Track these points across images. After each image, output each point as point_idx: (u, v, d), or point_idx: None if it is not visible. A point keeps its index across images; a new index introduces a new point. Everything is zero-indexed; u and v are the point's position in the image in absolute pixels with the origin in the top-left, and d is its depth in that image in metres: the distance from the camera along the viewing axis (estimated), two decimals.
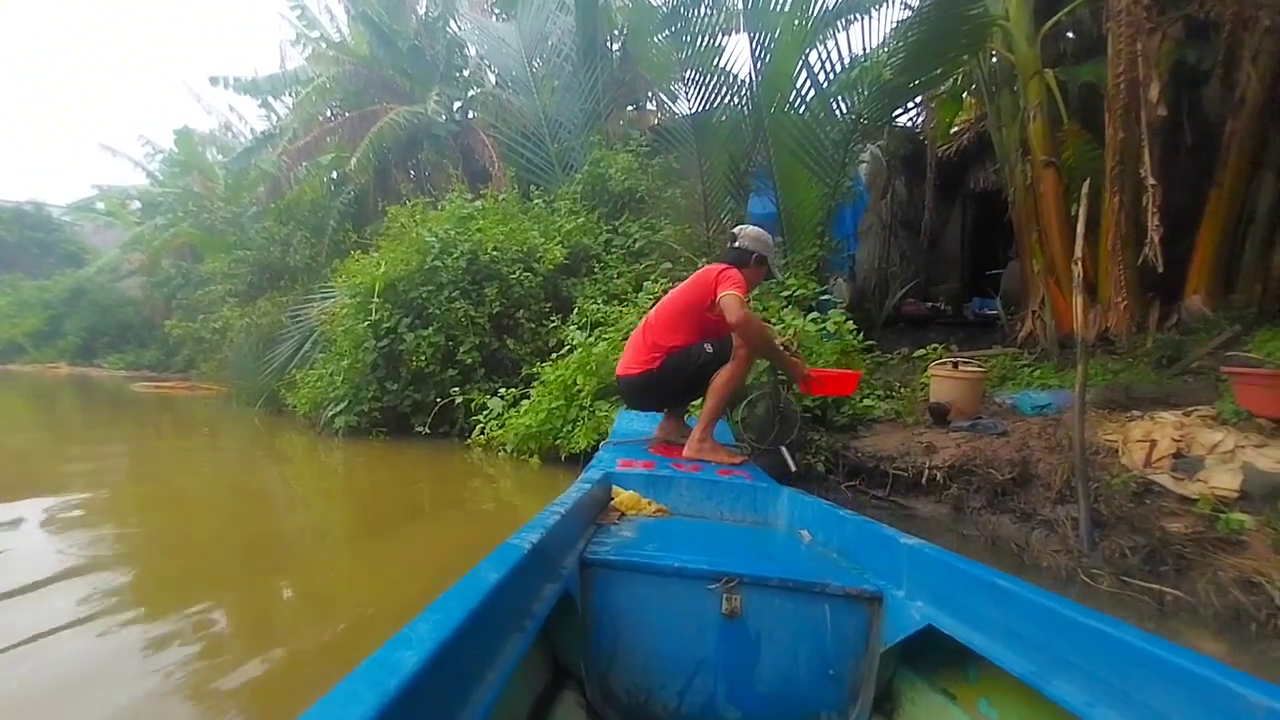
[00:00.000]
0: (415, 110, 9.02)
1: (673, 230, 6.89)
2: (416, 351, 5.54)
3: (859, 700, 1.23)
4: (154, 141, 17.01)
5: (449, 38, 10.47)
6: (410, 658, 0.61)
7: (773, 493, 2.01)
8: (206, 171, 15.56)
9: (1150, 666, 0.78)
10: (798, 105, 6.72)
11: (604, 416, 4.36)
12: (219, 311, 10.86)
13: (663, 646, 1.26)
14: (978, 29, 5.57)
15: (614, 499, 1.92)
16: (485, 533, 3.38)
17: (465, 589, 0.82)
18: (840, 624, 1.25)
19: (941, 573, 1.16)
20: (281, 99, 12.48)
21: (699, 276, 2.69)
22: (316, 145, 10.34)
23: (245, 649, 1.77)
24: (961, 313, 8.29)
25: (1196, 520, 2.57)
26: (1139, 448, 3.03)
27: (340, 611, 2.17)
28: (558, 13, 8.29)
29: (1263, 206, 5.23)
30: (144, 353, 16.95)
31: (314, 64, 10.83)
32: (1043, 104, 5.70)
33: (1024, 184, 6.02)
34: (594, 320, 5.49)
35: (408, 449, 5.38)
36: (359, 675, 0.58)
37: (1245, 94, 5.04)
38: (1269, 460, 2.73)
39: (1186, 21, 5.48)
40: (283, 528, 3.35)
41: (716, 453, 2.44)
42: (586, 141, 7.59)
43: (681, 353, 2.57)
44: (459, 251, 5.76)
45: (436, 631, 0.68)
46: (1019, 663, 0.95)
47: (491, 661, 0.85)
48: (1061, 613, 0.91)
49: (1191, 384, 4.17)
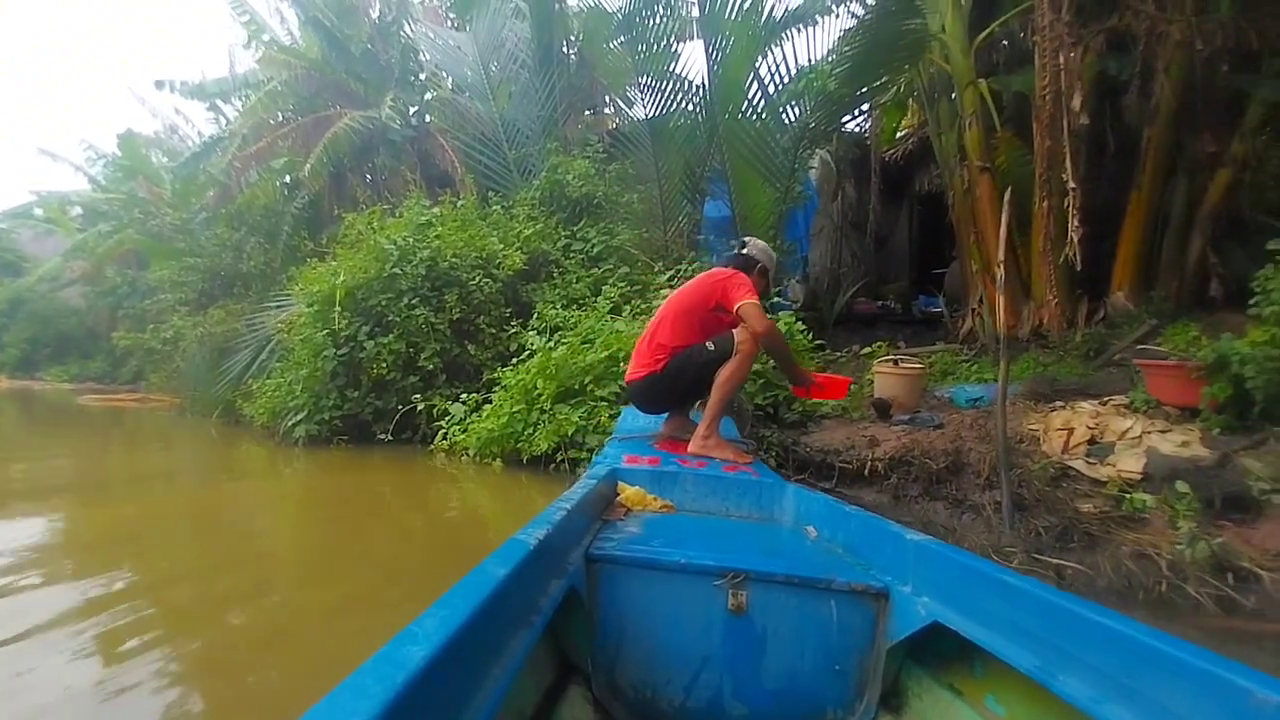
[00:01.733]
0: (370, 115, 8.96)
1: (630, 235, 7.03)
2: (377, 359, 5.56)
3: (865, 696, 1.23)
4: (96, 146, 16.43)
5: (403, 42, 10.42)
6: (418, 653, 0.61)
7: (778, 489, 2.01)
8: (152, 176, 15.08)
9: (1157, 662, 0.78)
10: (750, 112, 6.95)
11: (564, 419, 4.47)
12: (169, 321, 10.57)
13: (669, 642, 1.26)
14: (916, 42, 5.86)
15: (619, 495, 1.91)
16: (452, 536, 3.47)
17: (472, 584, 0.82)
18: (846, 620, 1.25)
19: (947, 569, 1.16)
20: (231, 103, 12.22)
21: (704, 279, 2.73)
22: (269, 150, 10.17)
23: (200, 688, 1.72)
24: (910, 310, 8.64)
25: (1105, 501, 2.81)
26: (1058, 436, 3.28)
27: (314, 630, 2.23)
28: (513, 19, 8.34)
29: (1177, 208, 5.62)
30: (88, 364, 16.35)
31: (264, 68, 10.63)
32: (978, 112, 6.01)
33: (962, 188, 6.34)
34: (553, 325, 5.59)
35: (371, 456, 5.40)
36: (367, 670, 0.58)
37: (1159, 103, 5.42)
38: (1170, 444, 3.00)
39: (1108, 35, 5.86)
40: (252, 544, 3.37)
41: (722, 449, 2.44)
42: (544, 147, 7.67)
43: (684, 353, 2.60)
44: (418, 259, 5.79)
45: (443, 627, 0.68)
46: (1025, 658, 0.95)
47: (498, 657, 0.85)
48: (1067, 608, 0.91)
49: (1113, 375, 4.48)
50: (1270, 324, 2.95)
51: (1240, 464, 2.75)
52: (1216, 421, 3.08)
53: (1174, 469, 2.79)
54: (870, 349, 5.74)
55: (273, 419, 6.15)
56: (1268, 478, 2.63)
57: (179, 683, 1.68)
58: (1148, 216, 5.63)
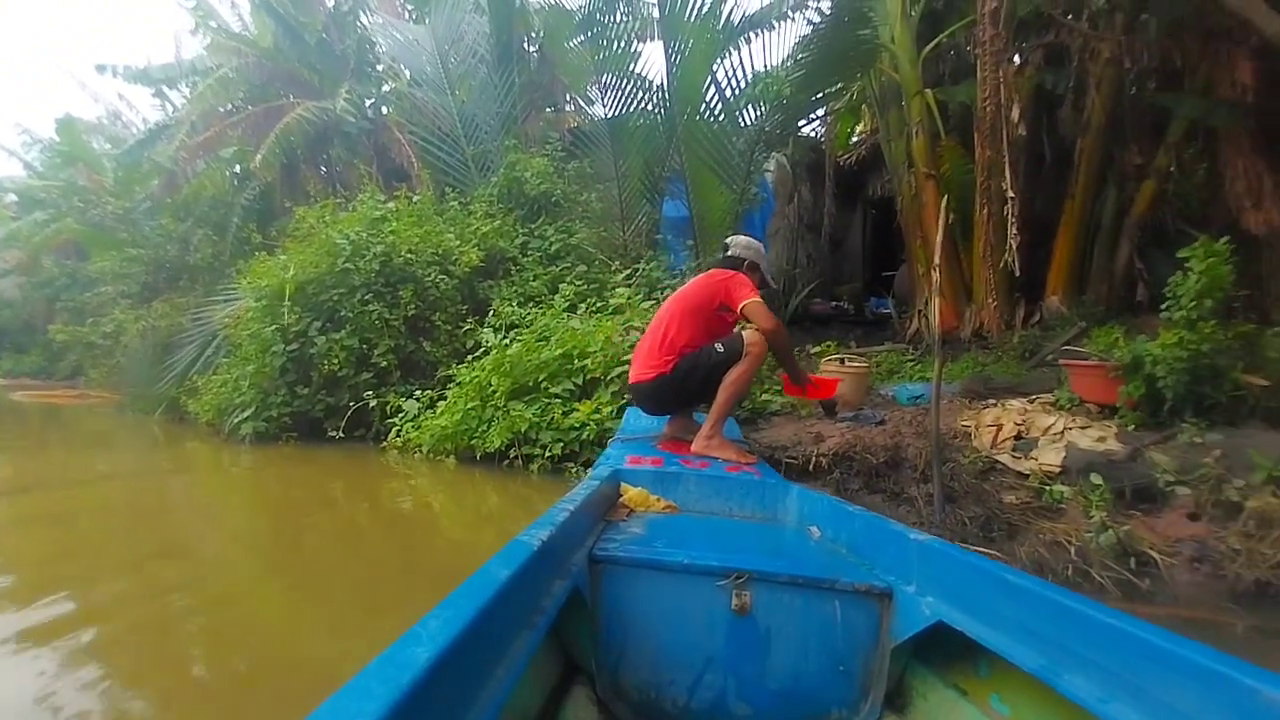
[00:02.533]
0: (324, 106, 8.78)
1: (588, 233, 7.07)
2: (329, 355, 5.48)
3: (870, 696, 1.23)
4: (32, 130, 15.68)
5: (360, 33, 10.23)
6: (422, 654, 0.61)
7: (781, 489, 2.01)
8: (93, 163, 14.46)
9: (1163, 661, 0.78)
10: (707, 114, 7.04)
11: (518, 416, 4.49)
12: (111, 314, 10.17)
13: (673, 642, 1.26)
14: (868, 51, 6.04)
15: (622, 496, 1.91)
16: (404, 534, 3.47)
17: (475, 585, 0.81)
18: (850, 620, 1.25)
19: (951, 568, 1.16)
20: (178, 89, 11.81)
21: (704, 281, 2.75)
22: (218, 139, 9.87)
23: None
24: (862, 311, 8.88)
25: (1027, 493, 2.98)
26: (988, 432, 3.45)
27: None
28: (472, 13, 8.28)
29: (1107, 217, 5.94)
30: (23, 359, 15.59)
31: (214, 54, 10.31)
32: (924, 121, 6.23)
33: (910, 193, 6.56)
34: (510, 322, 5.60)
35: (321, 454, 5.32)
36: (371, 672, 0.57)
37: (1091, 117, 5.72)
38: (1088, 439, 3.19)
39: (1045, 50, 6.15)
40: (191, 542, 3.31)
41: (725, 449, 2.44)
42: (503, 144, 7.64)
43: (692, 355, 2.59)
44: (372, 254, 5.72)
45: (448, 628, 0.68)
46: (1030, 658, 0.94)
47: (502, 658, 0.84)
48: (1073, 607, 0.91)
49: (1044, 375, 4.72)
50: (1179, 327, 3.15)
51: (1149, 458, 2.94)
52: (1131, 418, 3.29)
53: (1090, 462, 2.97)
54: (820, 348, 5.91)
55: (218, 416, 6.01)
56: (1173, 470, 2.83)
57: (111, 681, 1.67)
58: (1080, 224, 5.93)
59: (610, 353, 4.57)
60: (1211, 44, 5.08)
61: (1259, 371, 3.06)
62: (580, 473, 4.29)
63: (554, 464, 4.37)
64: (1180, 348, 3.08)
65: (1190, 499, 2.68)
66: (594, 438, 4.33)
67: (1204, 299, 3.10)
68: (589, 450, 4.35)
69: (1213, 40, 5.09)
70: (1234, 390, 3.06)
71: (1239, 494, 2.53)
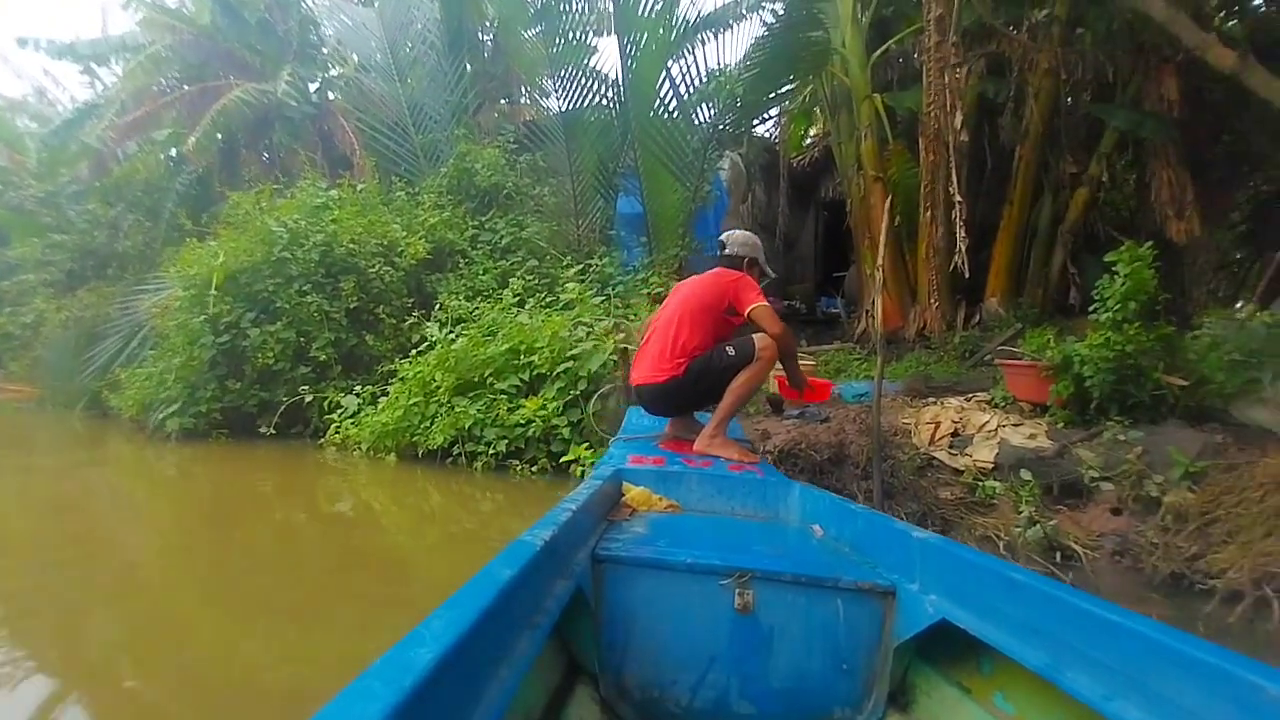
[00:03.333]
0: (265, 89, 8.41)
1: (540, 227, 6.96)
2: (263, 348, 5.24)
3: (873, 695, 1.22)
4: None
5: (303, 13, 9.84)
6: (425, 655, 0.61)
7: (784, 488, 2.00)
8: (14, 143, 13.52)
9: (1166, 658, 0.78)
10: (662, 111, 7.02)
11: (462, 412, 4.38)
12: (31, 303, 9.57)
13: (676, 642, 1.25)
14: (819, 53, 6.11)
15: (625, 495, 1.89)
16: (343, 533, 3.33)
17: (478, 586, 0.80)
18: (853, 618, 1.24)
19: (954, 566, 1.15)
20: (109, 66, 11.16)
21: (712, 282, 2.69)
22: (150, 120, 9.37)
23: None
24: (814, 311, 9.01)
25: (962, 489, 3.04)
26: (927, 429, 3.52)
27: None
28: None
29: (1043, 223, 6.16)
30: None
31: (147, 30, 9.78)
32: (873, 125, 6.35)
33: (859, 195, 6.68)
34: (457, 316, 5.46)
35: (254, 451, 5.09)
36: (374, 673, 0.57)
37: (1030, 126, 5.91)
38: (1020, 436, 3.28)
39: (988, 59, 6.33)
40: (107, 544, 3.10)
41: (727, 448, 2.43)
42: (453, 134, 7.46)
43: (704, 357, 2.57)
44: (311, 243, 5.50)
45: (450, 628, 0.67)
46: (1034, 655, 0.94)
47: (505, 658, 0.83)
48: (1076, 605, 0.91)
49: (982, 374, 4.85)
50: (1106, 328, 3.27)
51: (1076, 454, 3.04)
52: (1061, 416, 3.39)
53: (1021, 459, 3.06)
54: None
55: (143, 411, 5.69)
56: (1098, 467, 2.93)
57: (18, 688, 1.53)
58: (1018, 230, 6.13)
59: (558, 348, 4.49)
60: (1141, 59, 5.31)
61: (1178, 372, 3.19)
62: (525, 470, 4.21)
63: (498, 461, 4.28)
64: (1106, 348, 3.18)
65: (1113, 494, 2.77)
66: (540, 435, 4.25)
67: (1129, 301, 3.21)
68: (535, 448, 4.27)
69: (1143, 55, 5.33)
70: (1155, 389, 3.18)
71: (1158, 489, 2.63)
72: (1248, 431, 2.97)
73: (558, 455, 4.19)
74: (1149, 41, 5.31)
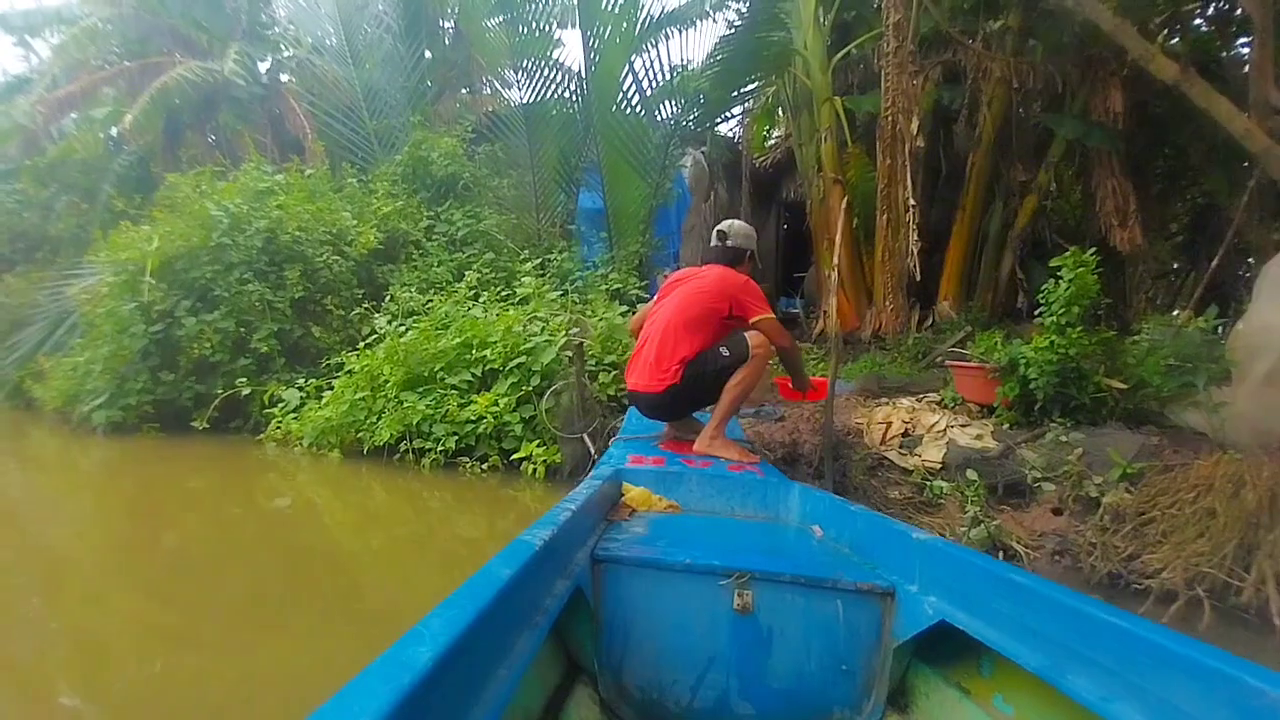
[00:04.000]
0: (210, 67, 8.03)
1: (499, 220, 6.82)
2: (199, 338, 4.98)
3: (873, 695, 1.22)
4: None
5: None
6: (424, 654, 0.61)
7: (784, 488, 2.01)
8: None
9: (1165, 660, 0.78)
10: (625, 106, 6.95)
11: (410, 408, 4.23)
12: None
13: (675, 642, 1.25)
14: (780, 53, 6.13)
15: (624, 495, 1.90)
16: (286, 535, 3.17)
17: (477, 585, 0.80)
18: (853, 619, 1.25)
19: (954, 567, 1.15)
20: (44, 37, 10.53)
21: (713, 286, 2.62)
22: (87, 96, 8.86)
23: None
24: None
25: (911, 488, 3.06)
26: (878, 429, 3.54)
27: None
28: None
29: (994, 229, 6.30)
30: None
31: (85, 1, 9.27)
32: (833, 127, 6.39)
33: (818, 197, 6.72)
34: (409, 309, 5.29)
35: (188, 446, 4.84)
36: (373, 672, 0.57)
37: (983, 133, 6.03)
38: (967, 437, 3.32)
39: (944, 67, 6.44)
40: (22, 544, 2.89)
41: (728, 448, 2.42)
42: (409, 120, 7.24)
43: (698, 360, 2.53)
44: (254, 229, 5.25)
45: (450, 628, 0.67)
46: (1033, 657, 0.94)
47: (505, 657, 0.84)
48: (1075, 607, 0.91)
49: (934, 375, 4.93)
50: (1051, 332, 3.34)
51: (1021, 455, 3.09)
52: (1007, 417, 3.45)
53: (968, 459, 3.09)
54: None
55: (68, 403, 5.36)
56: (1041, 467, 2.98)
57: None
58: (970, 235, 6.26)
59: (511, 343, 4.39)
60: (1090, 71, 5.47)
61: (1118, 376, 3.28)
62: (475, 468, 4.10)
63: (448, 459, 4.15)
64: (1051, 351, 3.25)
65: (1055, 494, 2.82)
66: (491, 432, 4.14)
67: (1072, 305, 3.28)
68: (486, 445, 4.15)
69: (1091, 68, 5.49)
70: (1096, 392, 3.26)
71: (1097, 490, 2.69)
72: (1182, 434, 3.07)
73: (509, 453, 4.08)
74: (1097, 55, 5.48)
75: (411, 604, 2.32)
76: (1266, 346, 2.78)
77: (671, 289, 2.73)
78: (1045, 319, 3.39)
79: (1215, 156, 5.47)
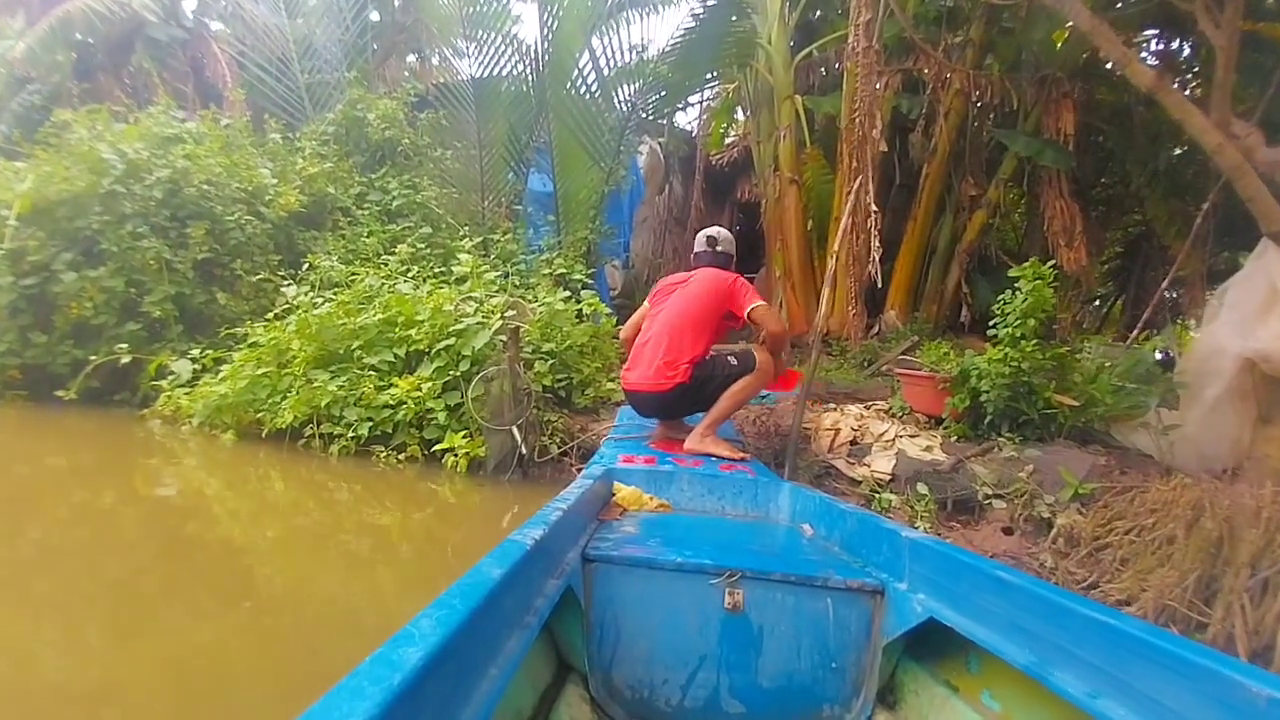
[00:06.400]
0: (122, 1, 7.25)
1: (439, 193, 6.38)
2: (79, 296, 4.38)
3: (862, 693, 1.24)
4: None
5: None
6: (414, 654, 0.61)
7: (774, 487, 2.03)
8: None
9: (1151, 657, 0.79)
10: (581, 87, 6.63)
11: (320, 388, 3.80)
12: None
13: (666, 641, 1.26)
14: (743, 43, 5.96)
15: (615, 495, 1.90)
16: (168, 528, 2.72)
17: (468, 585, 0.80)
18: (842, 617, 1.26)
19: (943, 565, 1.17)
20: None
21: (709, 288, 2.69)
22: None
23: None
24: None
25: (859, 499, 2.89)
26: (826, 435, 3.37)
27: None
28: None
29: (943, 241, 6.32)
30: None
31: None
32: (792, 126, 6.27)
33: (774, 196, 6.59)
34: (330, 279, 4.82)
35: (60, 419, 4.25)
36: (363, 672, 0.56)
37: (938, 145, 6.03)
38: (917, 448, 3.19)
39: (904, 76, 6.42)
40: None
41: (718, 447, 2.43)
42: (344, 76, 6.69)
43: (707, 363, 2.60)
44: (154, 178, 4.67)
45: (440, 627, 0.67)
46: (1021, 654, 0.95)
47: (495, 657, 0.84)
48: (1062, 604, 0.92)
49: (881, 383, 4.84)
50: (1005, 344, 3.24)
51: (970, 469, 2.97)
52: (956, 429, 3.35)
53: (918, 471, 2.95)
54: None
55: None
56: (991, 484, 2.86)
57: None
58: (920, 246, 6.26)
59: (441, 323, 4.01)
60: (1044, 90, 5.52)
61: (1069, 393, 3.21)
62: (391, 458, 3.72)
63: (360, 446, 3.74)
64: (1004, 364, 3.16)
65: (1005, 513, 2.70)
66: (412, 419, 3.76)
67: (1028, 318, 3.20)
68: (404, 433, 3.77)
69: (1045, 87, 5.54)
70: (1045, 408, 3.19)
71: (1049, 510, 2.57)
72: (1128, 455, 3.02)
73: (431, 443, 3.71)
74: (1051, 75, 5.53)
75: (312, 598, 2.08)
76: (1217, 372, 2.74)
77: (670, 292, 2.82)
78: (1000, 330, 3.30)
79: (1156, 184, 5.61)
